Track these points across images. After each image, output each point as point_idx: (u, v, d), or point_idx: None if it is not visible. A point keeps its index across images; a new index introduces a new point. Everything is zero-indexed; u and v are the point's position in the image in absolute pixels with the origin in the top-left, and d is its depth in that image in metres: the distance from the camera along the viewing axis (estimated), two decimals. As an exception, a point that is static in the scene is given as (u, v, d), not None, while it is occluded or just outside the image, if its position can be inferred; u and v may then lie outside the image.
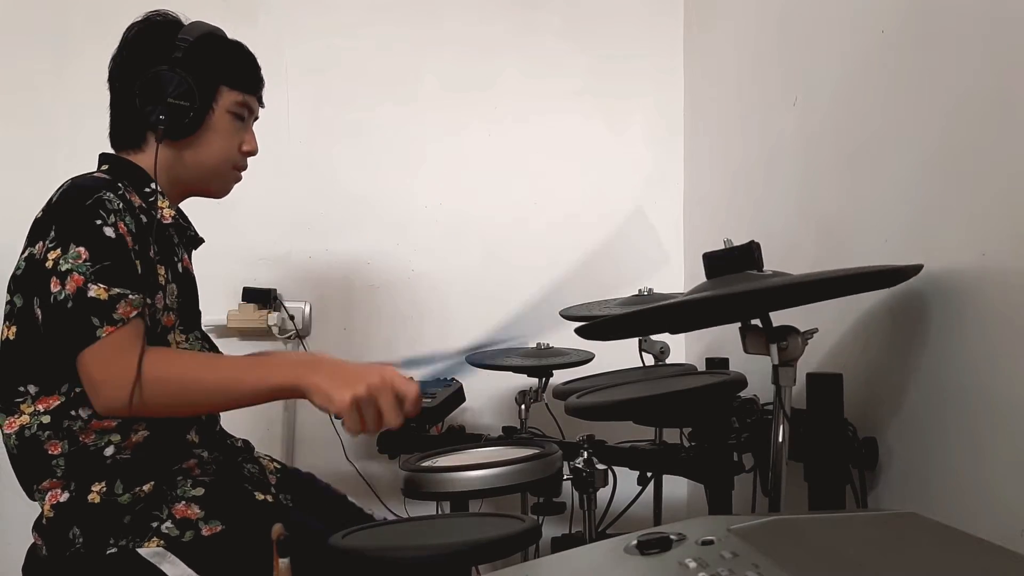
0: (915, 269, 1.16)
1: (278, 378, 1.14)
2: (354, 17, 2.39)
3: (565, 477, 1.45)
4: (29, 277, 1.16)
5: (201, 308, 1.42)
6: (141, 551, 1.15)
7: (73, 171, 1.26)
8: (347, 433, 1.15)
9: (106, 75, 1.32)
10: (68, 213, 1.15)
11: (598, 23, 2.46)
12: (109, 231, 1.13)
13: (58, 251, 1.12)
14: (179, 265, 1.31)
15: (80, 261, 1.11)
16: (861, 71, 1.44)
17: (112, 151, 1.33)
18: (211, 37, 1.31)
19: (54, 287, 1.11)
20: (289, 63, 2.28)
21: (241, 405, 1.19)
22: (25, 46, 2.26)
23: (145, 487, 1.18)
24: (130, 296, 1.12)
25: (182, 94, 1.26)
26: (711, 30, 2.31)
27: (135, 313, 1.12)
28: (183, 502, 1.20)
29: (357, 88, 2.38)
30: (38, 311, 1.14)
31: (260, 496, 1.29)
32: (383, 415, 1.13)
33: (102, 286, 1.10)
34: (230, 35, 1.36)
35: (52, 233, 1.14)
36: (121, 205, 1.17)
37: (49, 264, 1.12)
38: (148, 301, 1.15)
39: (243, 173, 1.41)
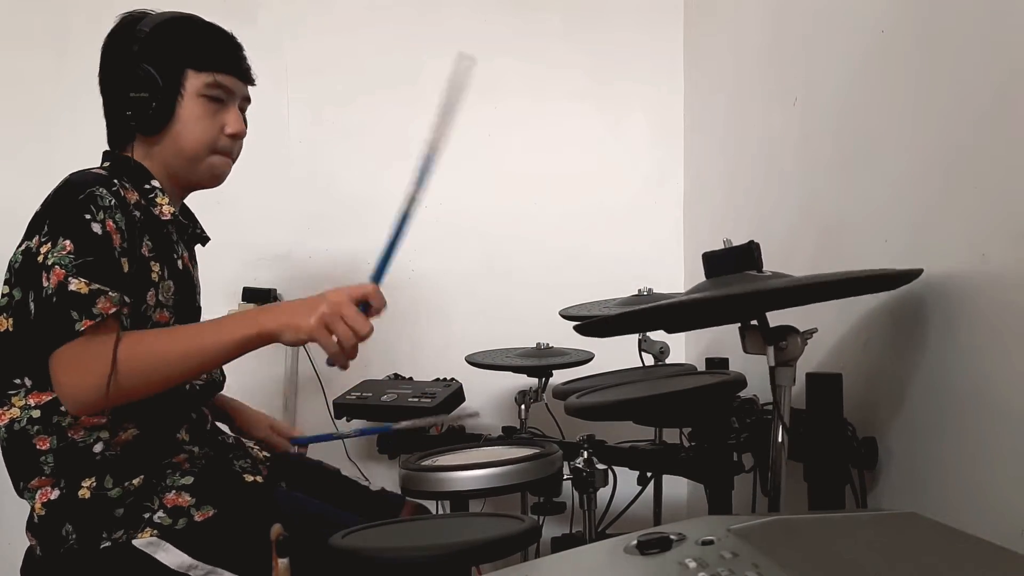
0: (915, 273, 1.16)
1: (242, 330, 1.14)
2: (354, 17, 2.39)
3: (565, 477, 1.45)
4: (25, 270, 1.16)
5: (202, 308, 1.42)
6: (135, 542, 1.15)
7: (72, 170, 1.26)
8: (334, 363, 1.17)
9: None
10: (60, 207, 1.16)
11: (598, 23, 2.46)
12: (96, 227, 1.13)
13: (48, 245, 1.13)
14: (178, 262, 1.31)
15: (64, 253, 1.11)
16: (861, 71, 1.44)
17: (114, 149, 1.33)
18: (169, 23, 1.27)
19: (44, 282, 1.11)
20: (289, 63, 2.28)
21: (213, 366, 1.21)
22: (25, 46, 2.26)
23: (135, 481, 1.19)
24: (110, 293, 1.11)
25: (140, 86, 1.23)
26: (711, 30, 2.31)
27: (113, 311, 1.11)
28: (173, 491, 1.20)
29: (357, 88, 2.37)
30: (32, 305, 1.14)
31: (250, 478, 1.29)
32: (352, 326, 1.15)
33: (83, 280, 1.10)
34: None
35: (46, 228, 1.14)
36: (113, 202, 1.17)
37: (40, 259, 1.12)
38: (127, 300, 1.15)
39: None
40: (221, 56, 1.30)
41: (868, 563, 0.67)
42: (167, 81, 1.24)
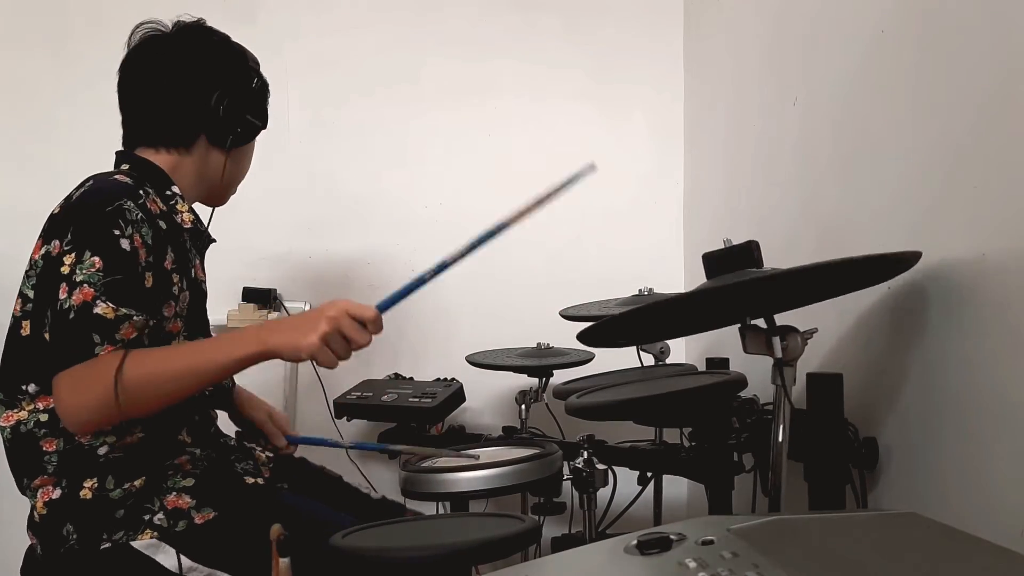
0: (915, 256, 1.15)
1: (243, 348, 1.15)
2: (354, 17, 2.39)
3: (565, 477, 1.45)
4: (46, 277, 1.15)
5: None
6: (135, 544, 1.15)
7: (72, 171, 1.25)
8: (324, 368, 1.17)
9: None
10: (87, 217, 1.14)
11: (598, 24, 2.46)
12: (125, 243, 1.13)
13: (73, 256, 1.12)
14: (192, 272, 1.31)
15: (93, 271, 1.10)
16: (861, 71, 1.44)
17: (126, 147, 1.32)
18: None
19: (62, 294, 1.10)
20: (289, 63, 2.28)
21: (214, 383, 1.23)
22: (25, 46, 2.26)
23: (136, 482, 1.18)
24: (135, 318, 1.12)
25: (259, 115, 1.37)
26: (711, 31, 2.31)
27: (134, 335, 1.12)
28: (174, 493, 1.20)
29: (357, 88, 2.38)
30: (48, 315, 1.13)
31: (251, 480, 1.29)
32: (350, 341, 1.16)
33: (110, 304, 1.10)
34: (230, 35, 1.36)
35: (69, 235, 1.13)
36: (140, 215, 1.17)
37: (64, 269, 1.11)
38: (151, 322, 1.16)
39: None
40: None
41: (868, 563, 0.67)
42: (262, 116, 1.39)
